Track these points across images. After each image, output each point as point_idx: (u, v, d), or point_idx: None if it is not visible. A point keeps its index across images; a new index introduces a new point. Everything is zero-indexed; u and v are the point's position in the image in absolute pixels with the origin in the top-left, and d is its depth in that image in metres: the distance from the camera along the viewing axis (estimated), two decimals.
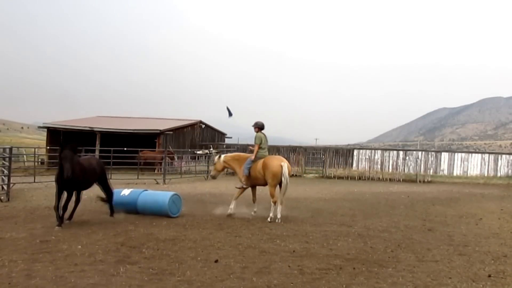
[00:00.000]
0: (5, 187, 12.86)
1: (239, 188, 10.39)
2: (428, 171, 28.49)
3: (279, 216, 9.56)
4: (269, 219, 9.53)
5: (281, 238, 7.74)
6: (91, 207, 11.10)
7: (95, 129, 28.97)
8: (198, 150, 29.58)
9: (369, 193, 17.54)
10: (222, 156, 10.98)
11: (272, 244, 7.31)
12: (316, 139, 70.42)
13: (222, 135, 37.36)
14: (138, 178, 19.36)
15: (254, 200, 10.53)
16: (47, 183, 15.82)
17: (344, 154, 30.27)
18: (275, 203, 9.70)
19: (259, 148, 10.16)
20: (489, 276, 5.75)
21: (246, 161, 10.27)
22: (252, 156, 10.14)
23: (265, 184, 10.15)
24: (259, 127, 10.52)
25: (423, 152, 30.37)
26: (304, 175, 28.39)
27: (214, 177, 11.33)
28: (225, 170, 12.15)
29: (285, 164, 9.79)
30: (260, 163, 10.05)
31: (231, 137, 38.94)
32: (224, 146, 33.01)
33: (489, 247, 7.56)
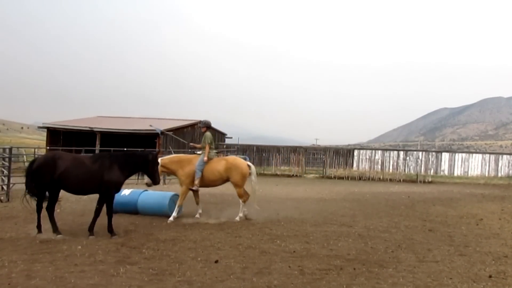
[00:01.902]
0: (5, 187, 12.84)
1: (194, 190, 9.86)
2: (429, 171, 28.47)
3: (241, 214, 9.68)
4: (237, 218, 9.57)
5: (282, 239, 7.73)
6: (91, 207, 11.09)
7: (95, 129, 28.96)
8: (198, 151, 29.57)
9: (370, 193, 17.53)
10: (159, 160, 9.93)
11: (273, 244, 7.30)
12: (316, 139, 70.41)
13: (222, 135, 37.34)
14: (138, 178, 19.30)
15: (198, 202, 10.09)
16: None
17: (344, 154, 30.26)
18: (245, 202, 9.82)
19: (209, 148, 9.88)
20: (490, 276, 5.74)
21: (197, 163, 9.74)
22: (205, 157, 9.74)
23: (220, 184, 10.06)
24: (207, 126, 10.32)
25: (424, 153, 30.35)
26: (305, 175, 28.39)
27: (149, 185, 9.40)
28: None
29: (251, 165, 10.11)
30: (221, 164, 9.80)
31: (231, 137, 38.95)
32: (224, 146, 33.00)
33: (489, 247, 7.55)
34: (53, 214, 7.66)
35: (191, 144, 11.22)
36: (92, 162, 7.73)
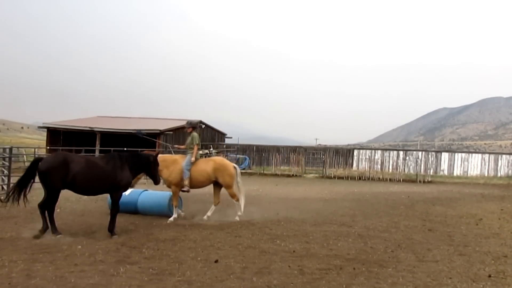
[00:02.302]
0: (5, 187, 12.86)
1: (186, 191, 9.80)
2: (428, 171, 28.51)
3: (240, 213, 9.77)
4: (237, 218, 9.61)
5: (281, 238, 7.74)
6: (91, 207, 11.11)
7: (95, 129, 28.98)
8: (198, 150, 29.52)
9: (369, 193, 17.54)
10: None
11: (272, 244, 7.31)
12: (316, 139, 70.46)
13: (222, 135, 37.35)
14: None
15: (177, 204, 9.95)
16: None
17: (344, 154, 30.30)
18: (238, 200, 9.92)
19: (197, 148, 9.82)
20: (489, 276, 5.75)
21: (185, 163, 9.66)
22: (193, 158, 9.67)
23: (207, 185, 10.02)
24: (193, 126, 10.29)
25: (423, 152, 30.40)
26: (304, 175, 28.39)
27: (131, 186, 9.26)
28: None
29: (236, 166, 10.21)
30: (209, 165, 9.73)
31: (231, 137, 38.97)
32: (224, 146, 33.00)
33: (489, 247, 7.56)
34: (53, 214, 7.66)
35: (175, 146, 11.19)
36: (106, 163, 7.85)
